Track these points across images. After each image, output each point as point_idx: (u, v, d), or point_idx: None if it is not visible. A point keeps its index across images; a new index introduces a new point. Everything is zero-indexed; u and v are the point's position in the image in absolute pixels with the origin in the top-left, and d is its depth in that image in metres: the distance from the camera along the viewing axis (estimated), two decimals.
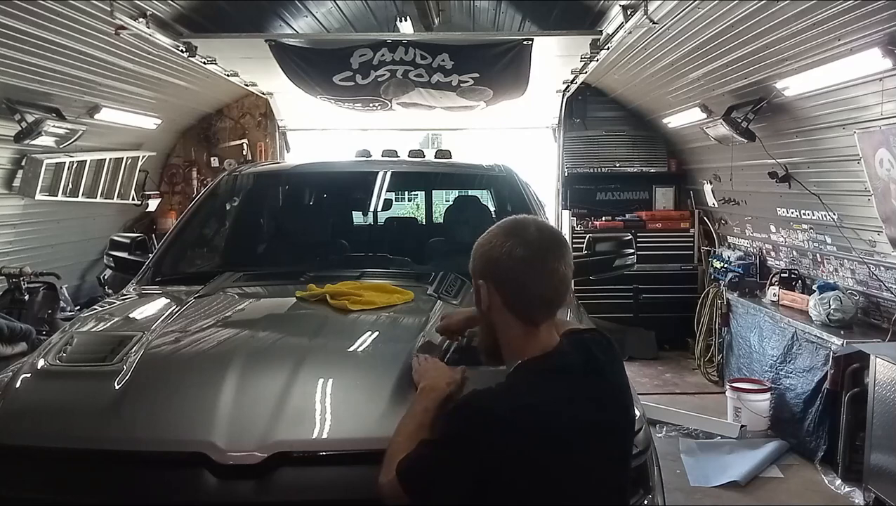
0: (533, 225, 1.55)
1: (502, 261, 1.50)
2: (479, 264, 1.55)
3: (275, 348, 2.15)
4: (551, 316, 1.55)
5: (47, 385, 2.03)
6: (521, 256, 1.49)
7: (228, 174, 3.93)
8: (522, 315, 1.52)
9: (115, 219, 7.23)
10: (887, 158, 3.82)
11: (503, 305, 1.52)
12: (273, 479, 1.62)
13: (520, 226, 1.55)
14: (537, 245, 1.50)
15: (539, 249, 1.50)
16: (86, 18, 4.34)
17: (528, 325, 1.52)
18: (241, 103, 8.09)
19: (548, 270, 1.50)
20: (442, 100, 5.85)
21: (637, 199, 7.96)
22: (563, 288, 1.53)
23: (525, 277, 1.49)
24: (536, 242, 1.50)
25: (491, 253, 1.52)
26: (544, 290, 1.51)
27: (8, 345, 4.64)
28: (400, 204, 10.01)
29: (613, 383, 1.57)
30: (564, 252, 1.53)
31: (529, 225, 1.55)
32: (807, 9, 3.60)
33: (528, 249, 1.49)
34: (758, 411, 5.08)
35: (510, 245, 1.50)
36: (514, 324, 1.53)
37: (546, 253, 1.50)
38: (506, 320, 1.54)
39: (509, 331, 1.54)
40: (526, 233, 1.52)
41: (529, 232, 1.52)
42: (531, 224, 1.55)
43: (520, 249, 1.49)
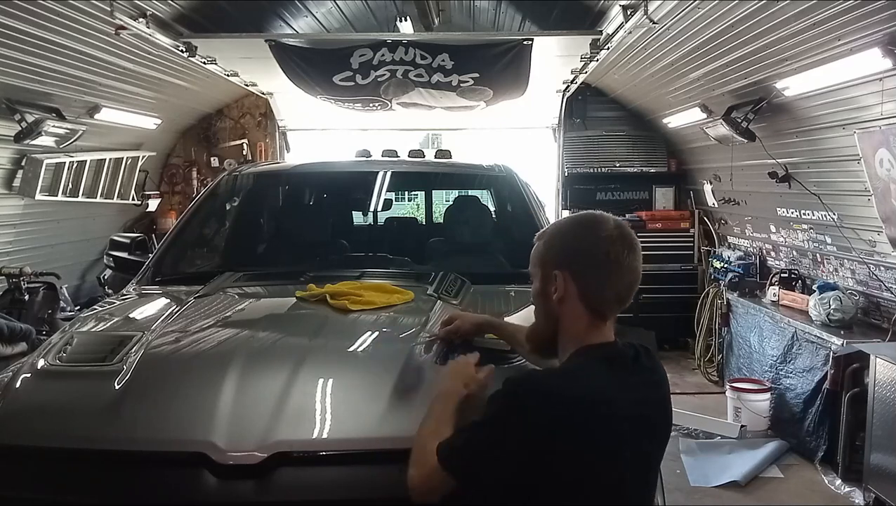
0: (612, 220, 1.56)
1: (587, 252, 1.52)
2: (557, 254, 1.56)
3: (275, 348, 2.15)
4: (618, 312, 1.58)
5: (47, 385, 2.02)
6: (606, 251, 1.51)
7: (228, 174, 3.93)
8: (594, 308, 1.54)
9: (115, 219, 7.23)
10: (887, 158, 3.82)
11: (578, 297, 1.53)
12: (273, 479, 1.61)
13: (600, 221, 1.56)
14: (619, 241, 1.52)
15: (621, 244, 1.52)
16: (86, 18, 4.35)
17: (597, 318, 1.54)
18: (241, 103, 8.09)
19: (627, 267, 1.52)
20: (442, 100, 5.85)
21: (637, 199, 7.96)
22: (636, 285, 1.55)
23: (608, 271, 1.51)
24: (618, 238, 1.52)
25: (574, 244, 1.54)
26: (620, 285, 1.53)
27: (8, 345, 4.64)
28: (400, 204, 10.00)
29: (662, 388, 1.59)
30: (639, 250, 1.55)
31: (609, 220, 1.56)
32: (807, 9, 3.60)
33: (610, 243, 1.51)
34: (758, 411, 5.09)
35: (594, 238, 1.52)
36: (583, 316, 1.54)
37: (626, 249, 1.52)
38: (575, 311, 1.54)
39: (576, 322, 1.55)
40: (607, 228, 1.53)
41: (610, 227, 1.54)
42: (610, 220, 1.57)
43: (605, 244, 1.51)
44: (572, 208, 7.82)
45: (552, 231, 1.61)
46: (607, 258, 1.50)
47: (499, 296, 2.84)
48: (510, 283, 3.01)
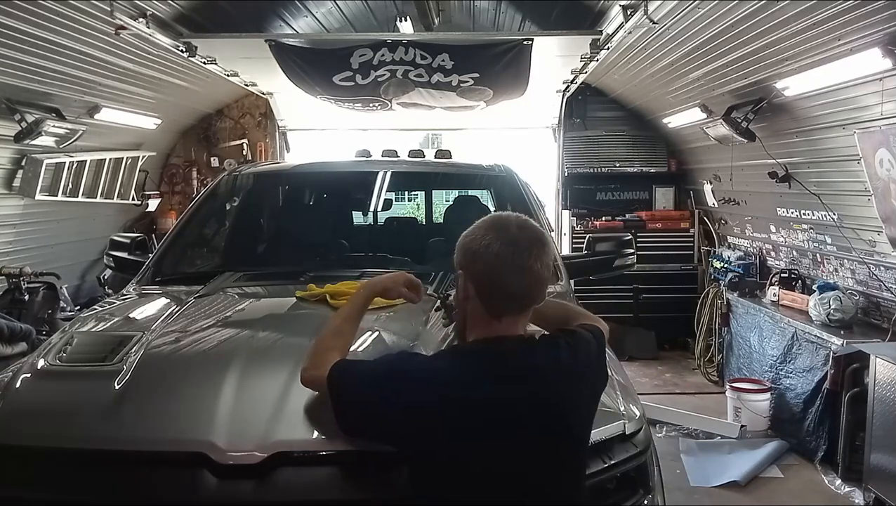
0: (515, 223, 1.61)
1: (479, 254, 1.57)
2: (460, 255, 1.64)
3: (275, 348, 2.15)
4: (518, 312, 1.61)
5: (47, 385, 2.02)
6: (496, 252, 1.55)
7: (228, 174, 3.93)
8: (488, 305, 1.59)
9: (115, 219, 7.22)
10: (887, 158, 3.82)
11: (476, 296, 1.60)
12: (273, 479, 1.61)
13: (501, 222, 1.62)
14: (514, 242, 1.56)
15: (516, 246, 1.56)
16: (86, 18, 4.34)
17: (491, 316, 1.60)
18: (241, 103, 8.09)
19: (522, 268, 1.55)
20: (442, 100, 5.85)
21: (637, 199, 7.96)
22: (537, 286, 1.59)
23: (497, 270, 1.56)
24: (514, 239, 1.57)
25: (470, 245, 1.60)
26: (515, 286, 1.56)
27: (8, 345, 4.63)
28: (400, 204, 10.01)
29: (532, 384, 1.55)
30: (544, 251, 1.58)
31: (511, 222, 1.61)
32: (807, 9, 3.60)
33: (504, 245, 1.55)
34: (758, 411, 5.08)
35: (489, 239, 1.57)
36: (482, 314, 1.61)
37: (522, 251, 1.55)
38: (475, 310, 1.62)
39: (476, 320, 1.63)
40: (506, 229, 1.58)
41: (510, 229, 1.59)
42: (513, 222, 1.61)
43: (496, 244, 1.56)
44: (572, 208, 7.83)
45: (462, 234, 1.66)
46: (502, 260, 1.55)
47: None
48: None
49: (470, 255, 1.60)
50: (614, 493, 1.84)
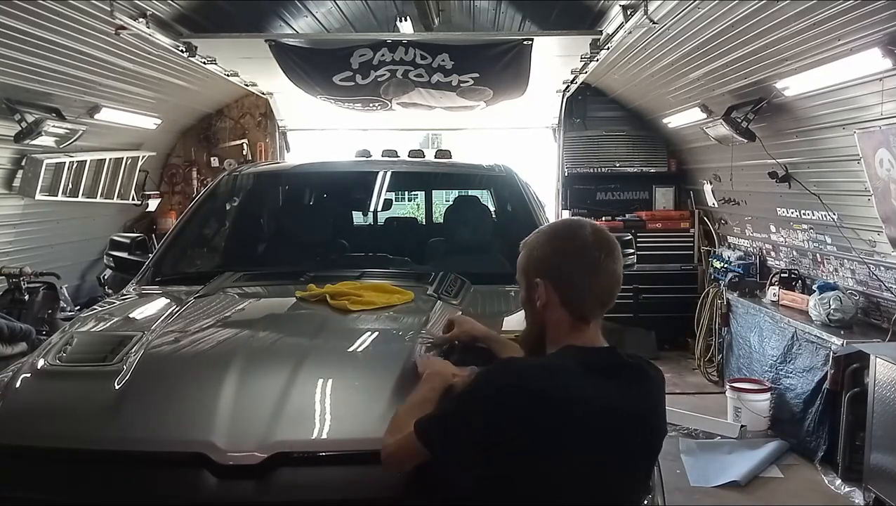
0: (588, 226, 1.62)
1: (563, 260, 1.57)
2: (537, 263, 1.61)
3: (275, 349, 2.15)
4: (601, 315, 1.61)
5: (47, 385, 2.02)
6: (581, 256, 1.56)
7: (228, 174, 3.93)
8: (576, 311, 1.58)
9: (115, 219, 7.22)
10: (887, 158, 3.82)
11: (560, 304, 1.58)
12: (273, 479, 1.62)
13: (576, 227, 1.62)
14: (595, 246, 1.57)
15: (598, 249, 1.57)
16: (86, 18, 4.34)
17: (579, 322, 1.58)
18: (241, 103, 8.09)
19: (605, 270, 1.57)
20: (442, 100, 5.85)
21: (637, 199, 7.96)
22: (617, 287, 1.60)
23: (585, 275, 1.56)
24: (594, 243, 1.57)
25: (553, 252, 1.59)
26: (600, 289, 1.57)
27: (8, 345, 4.63)
28: (400, 204, 10.00)
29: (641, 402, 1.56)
30: (618, 253, 1.60)
31: (585, 226, 1.62)
32: (807, 9, 3.60)
33: (587, 249, 1.56)
34: (758, 411, 5.08)
35: (572, 246, 1.58)
36: (566, 320, 1.58)
37: (603, 253, 1.57)
38: (558, 316, 1.59)
39: (560, 327, 1.59)
40: (583, 234, 1.59)
41: (586, 233, 1.59)
42: (586, 225, 1.62)
43: (580, 250, 1.57)
44: (572, 208, 7.83)
45: (533, 240, 1.65)
46: (585, 264, 1.56)
47: (499, 296, 2.84)
48: (510, 283, 2.99)
49: (552, 261, 1.58)
50: None
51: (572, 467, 1.45)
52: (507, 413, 1.43)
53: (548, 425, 1.42)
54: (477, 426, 1.46)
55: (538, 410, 1.42)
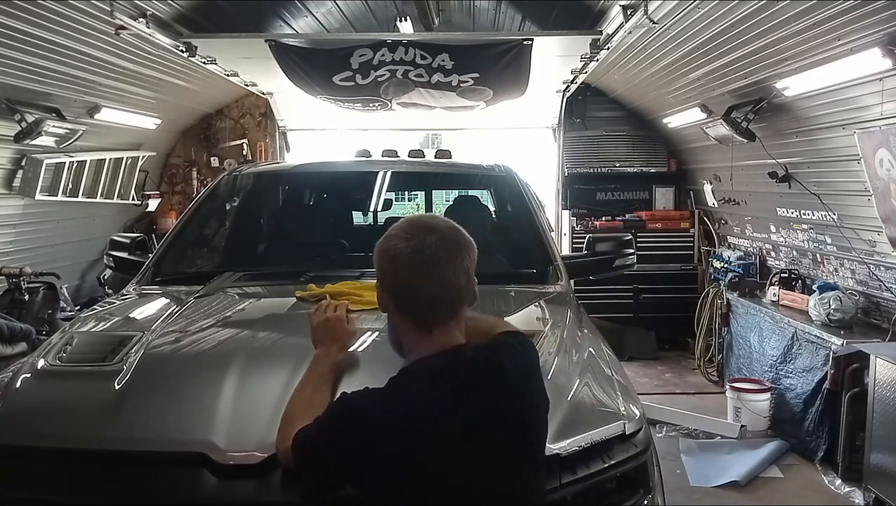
0: (438, 229, 1.51)
1: (390, 263, 1.49)
2: (377, 265, 1.54)
3: (275, 348, 2.15)
4: (444, 321, 1.51)
5: (47, 385, 2.02)
6: (407, 261, 1.47)
7: (228, 174, 3.93)
8: (413, 319, 1.51)
9: (115, 219, 7.22)
10: (887, 158, 3.82)
11: (395, 308, 1.53)
12: (273, 479, 1.61)
13: (423, 227, 1.51)
14: (426, 251, 1.46)
15: (427, 255, 1.46)
16: (86, 18, 4.34)
17: (422, 329, 1.51)
18: (241, 103, 8.09)
19: (439, 276, 1.46)
20: (442, 100, 5.85)
21: (637, 199, 7.96)
22: (456, 295, 1.49)
23: (411, 281, 1.47)
24: (428, 248, 1.46)
25: (387, 252, 1.51)
26: (431, 297, 1.47)
27: (8, 345, 4.64)
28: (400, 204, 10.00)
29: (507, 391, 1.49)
30: (462, 258, 1.49)
31: (433, 229, 1.50)
32: (807, 9, 3.60)
33: (416, 253, 1.46)
34: (758, 411, 5.08)
35: (401, 248, 1.48)
36: (409, 327, 1.52)
37: (432, 260, 1.46)
38: (401, 322, 1.54)
39: (406, 333, 1.55)
40: (424, 236, 1.48)
41: (430, 237, 1.48)
42: (434, 228, 1.51)
43: (412, 254, 1.47)
44: (572, 208, 7.83)
45: (383, 235, 1.55)
46: (410, 269, 1.47)
47: (499, 296, 2.84)
48: (510, 283, 3.01)
49: (384, 265, 1.50)
50: (614, 493, 1.84)
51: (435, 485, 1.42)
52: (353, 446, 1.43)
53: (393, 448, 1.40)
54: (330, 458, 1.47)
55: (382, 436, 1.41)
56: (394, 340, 1.64)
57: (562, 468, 1.72)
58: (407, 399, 1.45)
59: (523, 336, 1.66)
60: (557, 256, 3.28)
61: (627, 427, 1.89)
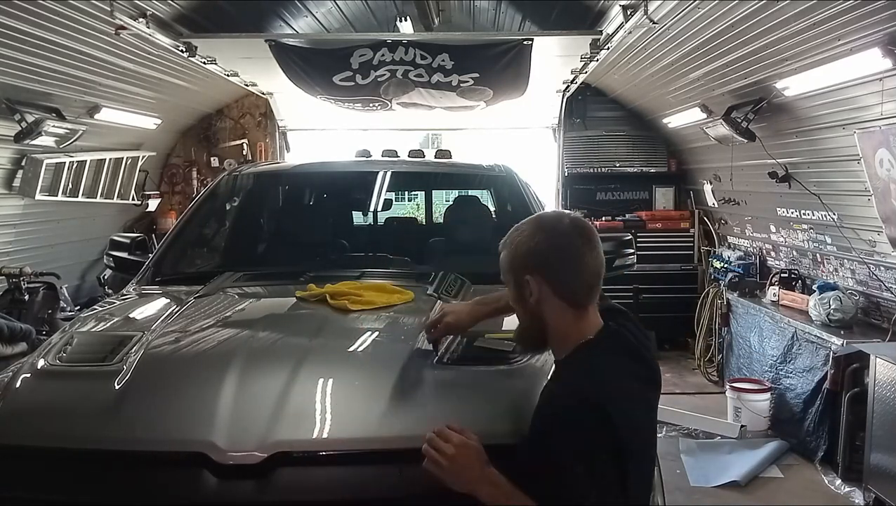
0: (567, 217, 1.67)
1: (551, 253, 1.60)
2: (525, 259, 1.62)
3: (275, 348, 2.15)
4: (596, 298, 1.65)
5: (47, 385, 2.02)
6: (567, 247, 1.60)
7: (228, 174, 3.93)
8: (573, 300, 1.61)
9: (115, 219, 7.22)
10: (887, 158, 3.82)
11: (554, 295, 1.60)
12: (273, 479, 1.61)
13: (556, 219, 1.67)
14: (577, 235, 1.61)
15: (579, 238, 1.61)
16: (86, 18, 4.34)
17: (578, 309, 1.61)
18: (241, 103, 8.09)
19: (590, 256, 1.61)
20: (442, 100, 5.85)
21: (637, 199, 7.96)
22: (602, 271, 1.64)
23: (573, 264, 1.60)
24: (576, 233, 1.61)
25: (537, 247, 1.61)
26: (588, 275, 1.61)
27: (8, 345, 4.64)
28: (400, 204, 10.01)
29: (655, 363, 1.75)
30: (597, 239, 1.65)
31: (564, 218, 1.67)
32: (807, 9, 3.60)
33: (570, 239, 1.60)
34: (758, 411, 5.08)
35: (554, 237, 1.61)
36: (566, 310, 1.61)
37: (585, 241, 1.61)
38: (556, 308, 1.61)
39: (562, 317, 1.62)
40: (563, 225, 1.63)
41: (565, 224, 1.63)
42: (565, 217, 1.67)
43: (564, 240, 1.60)
44: (572, 208, 7.83)
45: (514, 238, 1.66)
46: (569, 253, 1.60)
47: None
48: None
49: (540, 256, 1.60)
50: None
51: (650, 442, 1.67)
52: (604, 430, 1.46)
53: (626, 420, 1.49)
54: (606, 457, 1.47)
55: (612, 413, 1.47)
56: (529, 335, 1.70)
57: None
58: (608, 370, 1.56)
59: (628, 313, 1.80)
60: None
61: None
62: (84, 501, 1.66)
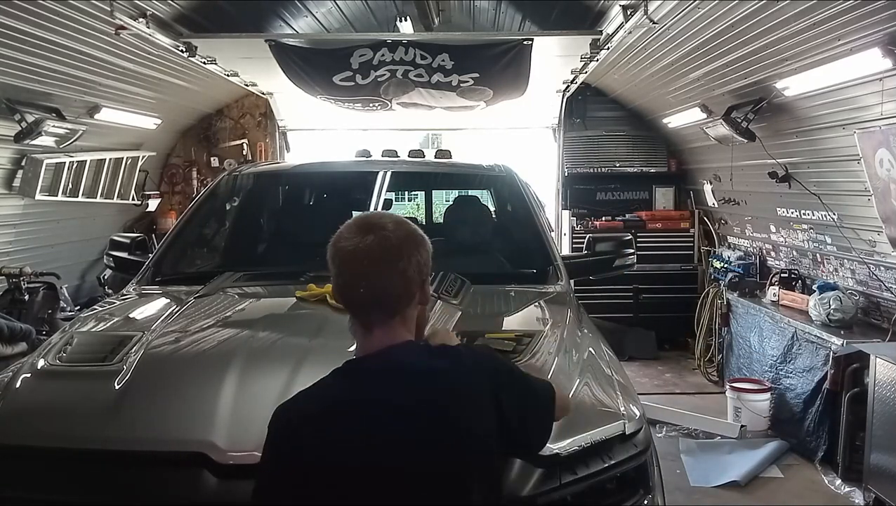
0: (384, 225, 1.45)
1: (333, 264, 1.46)
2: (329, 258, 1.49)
3: (275, 348, 2.15)
4: (383, 322, 1.44)
5: (47, 385, 2.03)
6: (344, 262, 1.43)
7: (228, 174, 3.93)
8: (356, 318, 1.47)
9: (115, 219, 7.22)
10: (887, 158, 3.82)
11: (344, 306, 1.49)
12: None
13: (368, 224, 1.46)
14: (360, 252, 1.41)
15: (362, 255, 1.41)
16: (86, 18, 4.34)
17: (364, 327, 1.45)
18: (241, 103, 8.08)
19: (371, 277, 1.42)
20: (442, 100, 5.85)
21: (637, 199, 7.96)
22: (393, 297, 1.43)
23: (347, 282, 1.44)
24: (360, 249, 1.41)
25: (329, 254, 1.48)
26: (364, 297, 1.42)
27: (8, 345, 4.64)
28: (400, 204, 10.00)
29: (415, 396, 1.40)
30: (395, 260, 1.42)
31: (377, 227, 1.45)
32: (807, 9, 3.60)
33: (350, 255, 1.42)
34: (758, 411, 5.08)
35: (340, 247, 1.45)
36: (355, 325, 1.48)
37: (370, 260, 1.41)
38: (350, 320, 1.49)
39: (354, 332, 1.49)
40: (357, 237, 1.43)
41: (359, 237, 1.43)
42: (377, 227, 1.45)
43: (344, 254, 1.43)
44: (572, 208, 7.83)
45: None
46: (345, 270, 1.44)
47: (499, 296, 2.84)
48: (510, 283, 3.02)
49: (330, 257, 1.46)
50: (614, 493, 1.84)
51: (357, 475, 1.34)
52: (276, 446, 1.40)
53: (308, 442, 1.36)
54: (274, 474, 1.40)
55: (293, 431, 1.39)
56: None
57: (562, 468, 1.73)
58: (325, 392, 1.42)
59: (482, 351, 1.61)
60: (557, 256, 3.28)
61: (627, 427, 1.89)
62: (84, 501, 1.66)
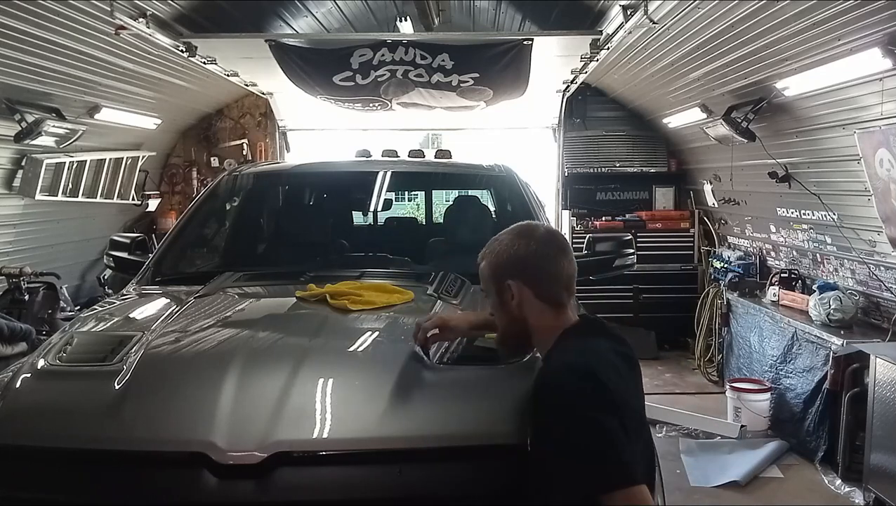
0: (542, 227, 1.85)
1: (530, 258, 1.74)
2: (506, 266, 1.76)
3: (275, 348, 2.14)
4: (572, 297, 1.80)
5: (47, 385, 2.02)
6: (544, 252, 1.75)
7: (228, 174, 3.93)
8: (550, 300, 1.74)
9: (115, 219, 7.22)
10: (887, 158, 3.82)
11: (535, 297, 1.74)
12: (273, 479, 1.61)
13: (531, 228, 1.83)
14: (552, 242, 1.78)
15: (554, 245, 1.78)
16: (86, 18, 4.35)
17: (557, 307, 1.75)
18: (241, 103, 8.09)
19: (564, 260, 1.77)
20: (442, 100, 5.85)
21: (637, 199, 7.96)
22: (575, 273, 1.81)
23: (551, 268, 1.75)
24: (551, 240, 1.79)
25: (517, 254, 1.75)
26: (564, 277, 1.77)
27: (8, 345, 4.64)
28: (400, 204, 10.01)
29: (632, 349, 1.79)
30: (569, 247, 1.83)
31: (539, 227, 1.85)
32: (807, 9, 3.60)
33: (547, 245, 1.76)
34: (758, 411, 5.09)
35: (532, 245, 1.75)
36: (545, 310, 1.74)
37: (559, 248, 1.78)
38: (536, 308, 1.74)
39: (543, 317, 1.74)
40: (539, 233, 1.79)
41: (541, 232, 1.80)
42: (539, 226, 1.86)
43: (542, 247, 1.75)
44: (572, 208, 7.83)
45: (493, 249, 1.81)
46: (547, 258, 1.75)
47: None
48: None
49: (521, 262, 1.74)
50: None
51: None
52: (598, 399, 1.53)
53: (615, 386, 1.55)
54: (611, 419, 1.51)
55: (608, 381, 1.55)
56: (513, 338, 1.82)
57: None
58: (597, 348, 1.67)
59: None
60: None
61: None
62: (84, 501, 1.65)
